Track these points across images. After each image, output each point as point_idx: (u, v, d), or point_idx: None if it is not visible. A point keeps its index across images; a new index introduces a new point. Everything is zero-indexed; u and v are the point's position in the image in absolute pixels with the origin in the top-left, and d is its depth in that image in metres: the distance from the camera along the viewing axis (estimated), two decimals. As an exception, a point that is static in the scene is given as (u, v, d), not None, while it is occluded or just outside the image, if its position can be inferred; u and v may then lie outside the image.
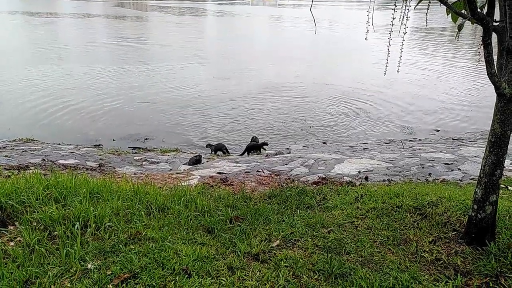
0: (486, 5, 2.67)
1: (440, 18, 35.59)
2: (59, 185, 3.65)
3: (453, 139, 9.03)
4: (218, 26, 44.92)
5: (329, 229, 3.35)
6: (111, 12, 56.91)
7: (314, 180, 5.07)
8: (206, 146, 8.82)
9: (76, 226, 2.98)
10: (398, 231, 3.25)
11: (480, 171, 2.86)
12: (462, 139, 9.00)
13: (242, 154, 8.31)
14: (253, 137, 8.99)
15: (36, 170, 4.67)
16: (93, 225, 3.05)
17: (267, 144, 8.67)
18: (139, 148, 8.80)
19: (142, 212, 3.36)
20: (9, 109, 11.41)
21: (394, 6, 3.04)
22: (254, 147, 8.50)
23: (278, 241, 3.12)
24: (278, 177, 5.39)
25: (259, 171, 5.69)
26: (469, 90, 14.56)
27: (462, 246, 2.95)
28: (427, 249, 2.96)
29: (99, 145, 8.92)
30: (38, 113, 11.18)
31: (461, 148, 7.50)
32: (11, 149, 7.45)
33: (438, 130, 10.30)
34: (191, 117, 11.19)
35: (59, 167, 5.96)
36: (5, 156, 6.57)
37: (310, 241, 3.11)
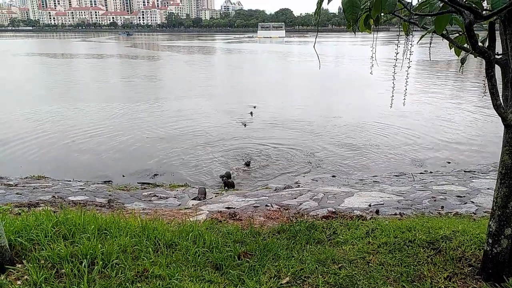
0: (487, 39, 2.73)
1: (445, 52, 36.12)
2: (68, 222, 3.65)
3: (464, 171, 8.89)
4: (227, 63, 46.18)
5: (340, 265, 3.27)
6: (124, 52, 59.16)
7: (324, 214, 5.00)
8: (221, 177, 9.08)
9: (83, 263, 2.96)
10: (412, 267, 3.15)
11: (493, 204, 2.80)
12: (474, 171, 8.86)
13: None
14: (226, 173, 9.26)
15: (46, 207, 4.70)
16: (101, 262, 3.02)
17: None
18: (148, 183, 8.83)
19: (150, 249, 3.33)
20: (21, 147, 11.65)
21: (397, 41, 3.12)
22: None
23: (287, 278, 3.04)
24: (287, 211, 5.32)
25: (268, 206, 5.64)
26: (478, 121, 14.50)
27: (479, 283, 2.84)
28: (443, 286, 2.85)
29: (109, 181, 8.99)
30: (49, 150, 11.39)
31: (473, 181, 7.37)
32: (22, 186, 7.55)
33: (449, 162, 10.17)
34: (199, 152, 11.28)
35: (69, 203, 5.99)
36: (16, 193, 6.64)
37: (320, 278, 3.03)
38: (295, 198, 6.27)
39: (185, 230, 3.80)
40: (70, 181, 8.64)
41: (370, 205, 5.57)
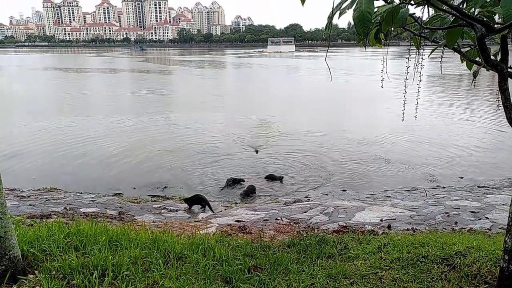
0: (500, 52, 2.72)
1: (456, 66, 35.94)
2: (79, 233, 3.68)
3: (478, 187, 8.73)
4: (237, 77, 46.61)
5: (351, 280, 3.21)
6: (137, 67, 60.21)
7: (335, 229, 4.94)
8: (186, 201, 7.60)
9: (94, 275, 2.96)
10: (426, 283, 3.09)
11: (508, 219, 2.74)
12: (488, 187, 8.69)
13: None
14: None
15: (58, 219, 4.74)
16: (111, 274, 3.02)
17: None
18: (158, 196, 8.87)
19: (160, 261, 3.33)
20: (34, 159, 11.84)
21: (408, 55, 3.13)
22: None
23: (298, 293, 3.00)
24: (297, 225, 5.28)
25: (278, 219, 5.60)
26: (491, 135, 14.29)
27: (496, 301, 2.76)
28: (458, 304, 2.78)
29: (120, 193, 9.05)
30: (61, 162, 11.55)
31: (487, 196, 7.23)
32: (35, 198, 7.64)
33: (462, 177, 10.00)
34: (209, 165, 11.30)
35: (80, 215, 6.04)
36: (29, 204, 6.72)
37: (332, 293, 2.98)
38: (305, 212, 6.22)
39: (195, 243, 3.79)
40: (81, 193, 8.72)
41: (381, 220, 5.50)
